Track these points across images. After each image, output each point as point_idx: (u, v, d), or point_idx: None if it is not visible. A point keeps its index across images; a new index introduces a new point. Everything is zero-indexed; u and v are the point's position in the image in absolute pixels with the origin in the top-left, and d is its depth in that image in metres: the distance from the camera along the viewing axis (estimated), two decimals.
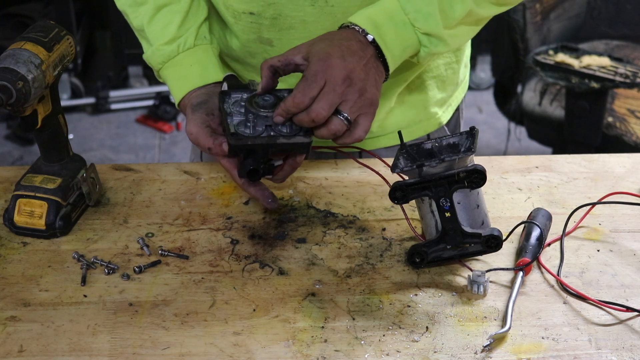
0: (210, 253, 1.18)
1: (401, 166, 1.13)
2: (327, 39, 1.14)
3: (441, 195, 1.12)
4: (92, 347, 1.02)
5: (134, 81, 3.83)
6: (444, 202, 1.12)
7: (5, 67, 1.10)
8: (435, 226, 1.14)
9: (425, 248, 1.14)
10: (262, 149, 1.13)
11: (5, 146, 3.48)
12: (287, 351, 1.02)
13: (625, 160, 1.41)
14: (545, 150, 3.04)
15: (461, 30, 1.22)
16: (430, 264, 1.15)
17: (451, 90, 1.43)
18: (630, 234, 1.23)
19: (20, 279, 1.12)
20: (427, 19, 1.17)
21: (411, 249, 1.15)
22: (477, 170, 1.11)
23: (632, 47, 2.86)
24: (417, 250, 1.14)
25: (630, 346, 1.04)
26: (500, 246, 1.13)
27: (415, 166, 1.12)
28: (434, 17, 1.17)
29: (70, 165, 1.24)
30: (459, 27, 1.21)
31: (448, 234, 1.13)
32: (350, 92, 1.11)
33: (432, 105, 1.40)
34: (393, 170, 1.14)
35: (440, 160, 1.11)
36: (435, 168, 1.11)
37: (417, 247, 1.15)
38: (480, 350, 1.03)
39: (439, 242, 1.13)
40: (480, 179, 1.11)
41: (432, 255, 1.14)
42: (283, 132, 1.13)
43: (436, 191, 1.12)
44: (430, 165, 1.11)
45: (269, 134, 1.12)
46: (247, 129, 1.13)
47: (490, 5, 1.21)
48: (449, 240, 1.13)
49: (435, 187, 1.12)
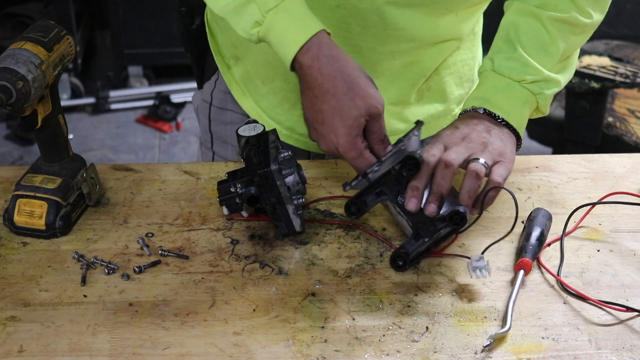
0: (210, 253, 1.18)
1: (349, 183, 1.13)
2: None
3: (396, 194, 1.12)
4: (92, 347, 1.02)
5: (133, 81, 3.82)
6: (402, 199, 1.12)
7: (5, 67, 1.10)
8: (408, 224, 1.14)
9: (404, 249, 1.14)
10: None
11: (5, 146, 3.48)
12: (287, 351, 1.02)
13: (625, 160, 1.41)
14: (546, 150, 3.04)
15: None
16: (412, 262, 1.15)
17: (468, 87, 1.45)
18: (630, 234, 1.23)
19: (20, 279, 1.12)
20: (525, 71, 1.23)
21: (392, 255, 1.15)
22: (408, 157, 1.10)
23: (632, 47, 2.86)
24: (398, 254, 1.14)
25: (630, 346, 1.04)
26: (465, 220, 1.10)
27: (361, 177, 1.12)
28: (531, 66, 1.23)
29: (70, 165, 1.24)
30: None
31: (421, 227, 1.12)
32: (473, 147, 1.15)
33: (451, 101, 1.43)
34: (344, 188, 1.14)
35: (380, 162, 1.11)
36: (379, 171, 1.11)
37: (396, 251, 1.14)
38: (480, 350, 1.03)
39: (417, 238, 1.13)
40: (414, 164, 1.10)
41: (413, 253, 1.14)
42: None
43: (390, 192, 1.12)
44: (373, 171, 1.11)
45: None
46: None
47: (574, 37, 1.28)
48: (424, 233, 1.13)
49: (388, 189, 1.11)
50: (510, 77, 1.23)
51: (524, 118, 1.23)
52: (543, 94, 1.24)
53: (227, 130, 1.48)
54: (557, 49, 1.24)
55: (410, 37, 1.29)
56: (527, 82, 1.23)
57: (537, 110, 1.26)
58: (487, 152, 1.15)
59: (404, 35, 1.28)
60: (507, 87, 1.23)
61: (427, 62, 1.36)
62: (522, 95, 1.23)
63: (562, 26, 1.24)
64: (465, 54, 1.42)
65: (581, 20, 1.25)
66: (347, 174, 1.34)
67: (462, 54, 1.41)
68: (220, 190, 1.20)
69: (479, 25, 1.46)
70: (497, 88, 1.23)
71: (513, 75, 1.23)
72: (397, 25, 1.27)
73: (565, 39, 1.25)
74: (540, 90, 1.23)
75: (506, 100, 1.22)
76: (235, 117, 1.45)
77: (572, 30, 1.25)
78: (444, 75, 1.40)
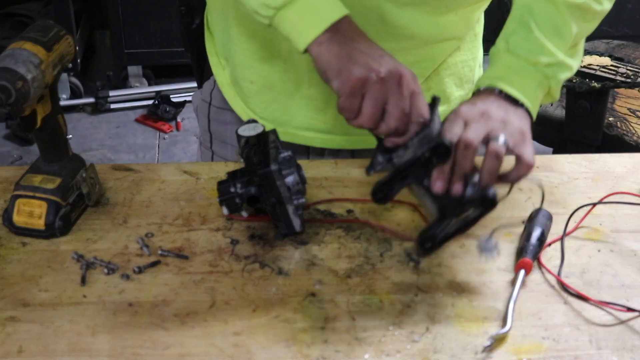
0: (210, 253, 1.17)
1: (372, 167, 1.12)
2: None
3: (422, 177, 1.11)
4: (91, 348, 1.01)
5: (133, 81, 3.82)
6: (428, 182, 1.11)
7: (4, 67, 1.09)
8: (433, 205, 1.13)
9: (431, 231, 1.12)
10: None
11: (4, 146, 3.48)
12: (287, 351, 1.02)
13: (626, 160, 1.41)
14: (546, 150, 3.03)
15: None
16: (440, 244, 1.13)
17: (468, 88, 1.45)
18: (631, 234, 1.23)
19: (19, 279, 1.12)
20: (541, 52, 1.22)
21: (419, 237, 1.12)
22: (439, 145, 1.09)
23: (633, 46, 2.86)
24: (426, 236, 1.11)
25: (631, 346, 1.03)
26: (495, 204, 1.10)
27: (386, 161, 1.11)
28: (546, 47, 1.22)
29: (70, 165, 1.24)
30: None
31: (447, 208, 1.11)
32: (492, 124, 1.13)
33: (451, 102, 1.42)
34: (368, 172, 1.13)
35: (406, 146, 1.10)
36: (404, 157, 1.10)
37: (423, 233, 1.12)
38: (480, 350, 1.02)
39: (442, 219, 1.11)
40: (444, 152, 1.09)
41: (440, 235, 1.12)
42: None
43: (415, 176, 1.10)
44: (398, 156, 1.10)
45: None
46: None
47: (582, 23, 1.26)
48: (450, 213, 1.11)
49: (413, 173, 1.10)
50: (525, 58, 1.22)
51: (537, 100, 1.23)
52: (556, 77, 1.23)
53: (227, 130, 1.48)
54: (570, 33, 1.24)
55: (410, 36, 1.29)
56: (542, 65, 1.22)
57: (549, 94, 1.26)
58: (507, 131, 1.14)
59: (403, 33, 1.28)
60: (521, 69, 1.22)
61: (427, 62, 1.36)
62: (536, 78, 1.22)
63: (575, 11, 1.24)
64: (465, 54, 1.42)
65: (593, 6, 1.26)
66: (347, 174, 1.34)
67: (463, 54, 1.41)
68: (220, 190, 1.20)
69: (480, 25, 1.46)
70: (511, 69, 1.22)
71: (529, 56, 1.22)
72: (396, 24, 1.27)
73: (577, 24, 1.25)
74: (553, 74, 1.23)
75: (521, 81, 1.21)
76: (234, 117, 1.45)
77: (584, 16, 1.26)
78: (444, 76, 1.40)
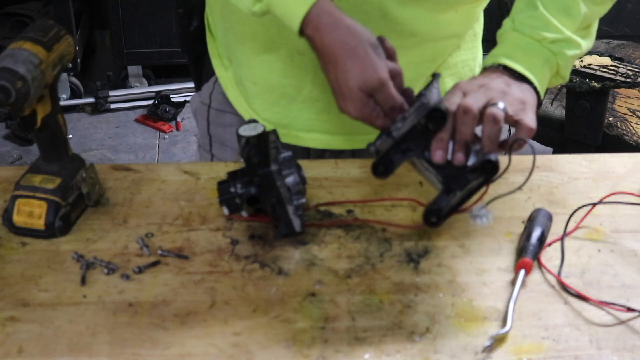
0: (210, 253, 1.17)
1: (373, 143, 1.11)
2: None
3: (423, 149, 1.10)
4: (91, 348, 1.01)
5: (133, 81, 3.82)
6: (429, 154, 1.10)
7: (4, 67, 1.09)
8: (437, 179, 1.12)
9: (436, 204, 1.11)
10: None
11: (4, 146, 3.48)
12: (287, 352, 1.01)
13: (626, 160, 1.41)
14: (546, 150, 3.03)
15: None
16: (446, 218, 1.13)
17: None
18: (631, 234, 1.23)
19: (19, 279, 1.12)
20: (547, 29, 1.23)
21: (425, 213, 1.12)
22: (433, 110, 1.08)
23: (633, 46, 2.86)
24: (431, 211, 1.11)
25: (631, 347, 1.03)
26: (497, 169, 1.09)
27: (385, 135, 1.10)
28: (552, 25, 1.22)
29: (70, 165, 1.24)
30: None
31: (451, 180, 1.11)
32: (492, 93, 1.13)
33: None
34: (369, 149, 1.12)
35: (403, 118, 1.10)
36: (403, 128, 1.09)
37: (429, 208, 1.11)
38: (480, 350, 1.02)
39: (447, 192, 1.11)
40: (440, 117, 1.08)
41: (445, 209, 1.11)
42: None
43: (417, 148, 1.10)
44: (397, 128, 1.10)
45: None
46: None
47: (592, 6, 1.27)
48: (454, 186, 1.10)
49: (414, 145, 1.10)
50: (530, 35, 1.23)
51: (544, 77, 1.23)
52: (563, 54, 1.23)
53: (226, 133, 1.48)
54: (579, 13, 1.25)
55: (411, 33, 1.29)
56: (548, 42, 1.22)
57: (557, 74, 1.26)
58: (506, 99, 1.14)
59: (404, 30, 1.28)
60: (527, 46, 1.22)
61: (428, 62, 1.36)
62: (542, 54, 1.23)
63: None
64: (465, 54, 1.42)
65: None
66: (347, 174, 1.34)
67: (463, 54, 1.41)
68: (220, 190, 1.20)
69: (480, 25, 1.46)
70: (517, 46, 1.23)
71: (534, 33, 1.23)
72: (398, 20, 1.27)
73: (587, 5, 1.26)
74: (560, 50, 1.23)
75: (526, 57, 1.21)
76: (234, 119, 1.45)
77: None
78: (445, 76, 1.40)
